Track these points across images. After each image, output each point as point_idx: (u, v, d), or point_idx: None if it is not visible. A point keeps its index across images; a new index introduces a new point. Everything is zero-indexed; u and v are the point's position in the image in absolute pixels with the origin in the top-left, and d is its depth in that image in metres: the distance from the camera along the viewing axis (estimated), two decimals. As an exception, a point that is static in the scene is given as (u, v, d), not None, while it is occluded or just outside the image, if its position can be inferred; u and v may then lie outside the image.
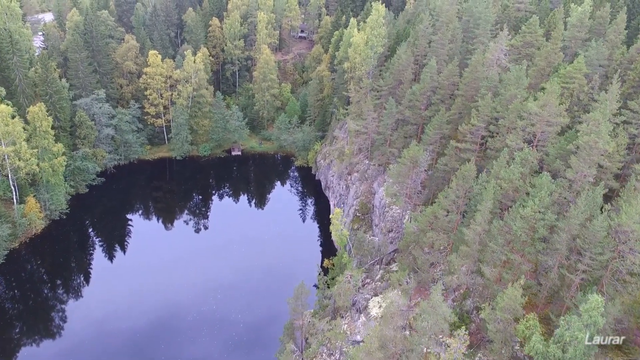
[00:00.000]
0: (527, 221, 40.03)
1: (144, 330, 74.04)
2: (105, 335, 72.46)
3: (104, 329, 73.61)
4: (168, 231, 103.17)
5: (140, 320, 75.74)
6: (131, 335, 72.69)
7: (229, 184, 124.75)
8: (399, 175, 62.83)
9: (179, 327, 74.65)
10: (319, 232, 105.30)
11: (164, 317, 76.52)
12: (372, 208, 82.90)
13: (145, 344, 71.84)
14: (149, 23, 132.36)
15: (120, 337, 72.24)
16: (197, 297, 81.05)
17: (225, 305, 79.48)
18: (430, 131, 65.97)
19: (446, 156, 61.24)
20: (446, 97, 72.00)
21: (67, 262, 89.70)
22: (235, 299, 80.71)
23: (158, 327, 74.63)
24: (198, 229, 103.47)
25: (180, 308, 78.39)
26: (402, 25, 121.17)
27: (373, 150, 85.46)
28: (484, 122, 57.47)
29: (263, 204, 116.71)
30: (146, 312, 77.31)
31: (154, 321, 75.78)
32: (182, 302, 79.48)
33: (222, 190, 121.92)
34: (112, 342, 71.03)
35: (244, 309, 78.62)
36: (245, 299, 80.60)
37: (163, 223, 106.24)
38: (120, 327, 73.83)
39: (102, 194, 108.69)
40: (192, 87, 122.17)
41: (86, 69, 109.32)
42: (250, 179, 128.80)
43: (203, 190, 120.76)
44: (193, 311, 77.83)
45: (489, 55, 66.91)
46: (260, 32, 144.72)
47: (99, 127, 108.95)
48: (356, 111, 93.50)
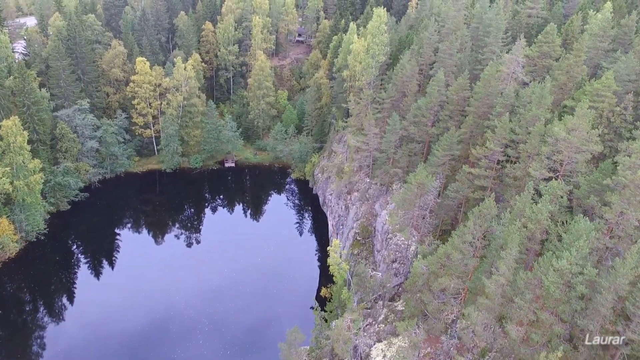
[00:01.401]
0: (562, 275, 33.46)
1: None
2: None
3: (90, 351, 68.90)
4: (157, 248, 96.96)
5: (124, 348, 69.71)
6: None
7: (221, 197, 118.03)
8: (404, 202, 56.27)
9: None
10: (317, 249, 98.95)
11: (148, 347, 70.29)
12: (373, 231, 76.33)
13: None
14: (138, 28, 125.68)
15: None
16: (186, 319, 75.27)
17: (215, 336, 73.22)
18: (438, 152, 59.42)
19: (457, 182, 54.66)
20: (456, 114, 65.47)
21: (46, 284, 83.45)
22: (226, 330, 74.49)
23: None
24: (189, 246, 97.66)
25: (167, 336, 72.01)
26: (404, 31, 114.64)
27: (375, 169, 78.90)
28: (501, 145, 50.91)
29: (258, 219, 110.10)
30: (129, 340, 71.29)
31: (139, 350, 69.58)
32: (169, 325, 73.12)
33: (215, 204, 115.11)
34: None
35: (233, 342, 72.38)
36: (238, 326, 74.70)
37: (152, 239, 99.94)
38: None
39: (85, 210, 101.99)
40: (182, 95, 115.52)
41: (68, 78, 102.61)
42: (245, 192, 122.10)
43: (194, 204, 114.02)
44: (180, 346, 71.34)
45: (504, 69, 60.38)
46: (255, 37, 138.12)
47: (82, 139, 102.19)
48: (356, 124, 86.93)
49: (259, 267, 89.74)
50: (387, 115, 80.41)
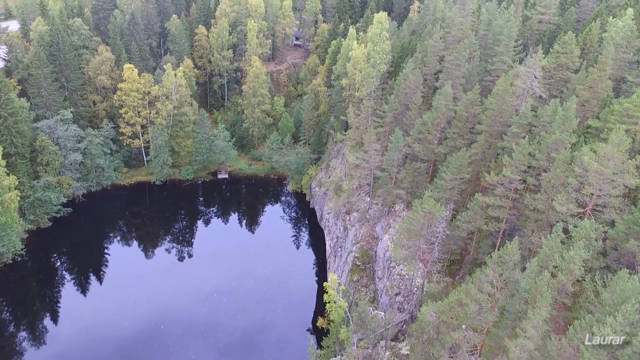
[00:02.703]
0: (607, 347, 27.62)
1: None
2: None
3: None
4: (145, 262, 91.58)
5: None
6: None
7: (214, 210, 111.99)
8: (409, 233, 50.38)
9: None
10: (314, 265, 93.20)
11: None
12: (374, 256, 70.45)
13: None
14: (127, 32, 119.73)
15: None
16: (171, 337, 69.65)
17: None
18: (447, 175, 53.56)
19: (469, 211, 48.80)
20: (465, 131, 59.62)
21: (25, 305, 77.72)
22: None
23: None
24: (181, 260, 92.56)
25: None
26: (406, 37, 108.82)
27: (376, 188, 73.04)
28: (519, 173, 45.06)
29: (253, 234, 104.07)
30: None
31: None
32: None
33: (207, 217, 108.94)
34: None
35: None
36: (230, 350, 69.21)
37: (141, 253, 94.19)
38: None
39: (68, 227, 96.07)
40: (172, 104, 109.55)
41: (50, 86, 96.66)
42: (239, 205, 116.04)
43: (185, 218, 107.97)
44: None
45: (519, 83, 54.52)
46: (250, 42, 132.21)
47: (64, 152, 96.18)
48: (355, 138, 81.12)
49: (253, 287, 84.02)
50: (389, 129, 74.68)
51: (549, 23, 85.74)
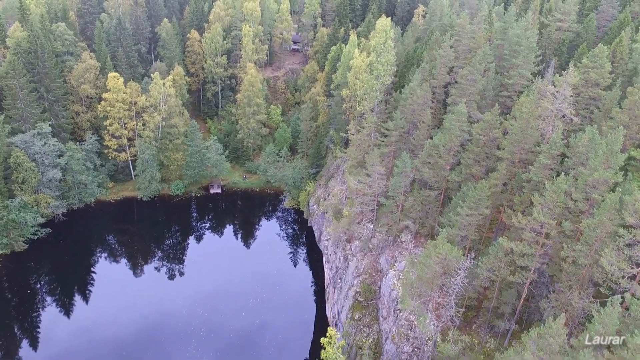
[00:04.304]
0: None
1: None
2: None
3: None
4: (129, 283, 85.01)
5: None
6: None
7: (205, 228, 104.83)
8: (420, 281, 43.22)
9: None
10: (312, 294, 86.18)
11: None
12: (378, 292, 63.29)
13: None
14: (114, 38, 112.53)
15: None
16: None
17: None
18: (463, 210, 46.40)
19: (490, 256, 41.64)
20: (482, 157, 52.48)
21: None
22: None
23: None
24: (171, 278, 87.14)
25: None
26: (411, 44, 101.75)
27: (379, 214, 65.86)
28: (552, 216, 37.89)
29: (247, 254, 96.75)
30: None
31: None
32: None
33: (198, 235, 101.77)
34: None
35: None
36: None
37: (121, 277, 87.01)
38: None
39: (47, 248, 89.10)
40: (160, 115, 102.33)
41: (27, 97, 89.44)
42: (232, 222, 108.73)
43: (173, 236, 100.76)
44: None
45: (547, 104, 47.36)
46: (245, 47, 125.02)
47: (42, 168, 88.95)
48: (356, 157, 73.91)
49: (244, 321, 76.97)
50: (394, 149, 67.48)
51: (567, 31, 78.66)
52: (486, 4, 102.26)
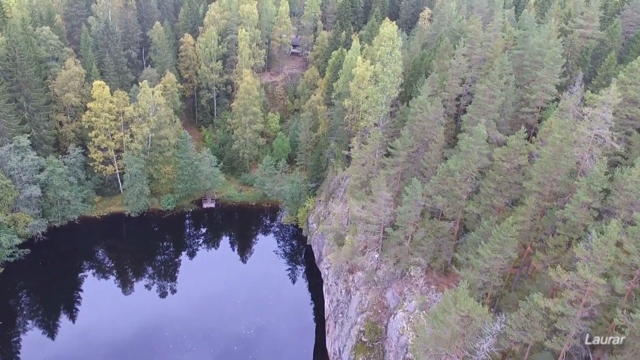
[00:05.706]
0: None
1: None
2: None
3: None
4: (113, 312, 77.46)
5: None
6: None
7: (197, 246, 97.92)
8: (437, 340, 36.50)
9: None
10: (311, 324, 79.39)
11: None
12: (384, 331, 56.60)
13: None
14: (101, 43, 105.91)
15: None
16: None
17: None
18: (485, 252, 39.70)
19: (523, 318, 34.90)
20: (505, 186, 45.74)
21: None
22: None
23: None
24: (162, 296, 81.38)
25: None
26: (417, 51, 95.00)
27: (386, 243, 59.11)
28: (600, 273, 31.16)
29: (240, 277, 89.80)
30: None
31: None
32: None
33: (190, 252, 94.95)
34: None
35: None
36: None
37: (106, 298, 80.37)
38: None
39: (26, 270, 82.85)
40: (149, 126, 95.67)
41: (4, 108, 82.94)
42: (226, 239, 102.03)
43: (164, 253, 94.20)
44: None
45: (583, 129, 40.63)
46: (241, 52, 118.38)
47: (19, 185, 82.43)
48: (360, 177, 67.10)
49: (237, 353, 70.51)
50: (401, 170, 60.75)
51: (591, 38, 71.89)
52: (496, 7, 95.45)
